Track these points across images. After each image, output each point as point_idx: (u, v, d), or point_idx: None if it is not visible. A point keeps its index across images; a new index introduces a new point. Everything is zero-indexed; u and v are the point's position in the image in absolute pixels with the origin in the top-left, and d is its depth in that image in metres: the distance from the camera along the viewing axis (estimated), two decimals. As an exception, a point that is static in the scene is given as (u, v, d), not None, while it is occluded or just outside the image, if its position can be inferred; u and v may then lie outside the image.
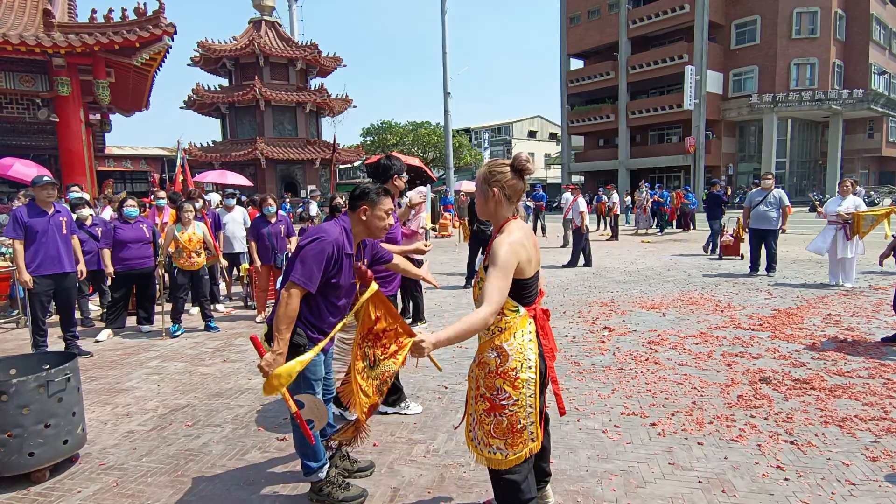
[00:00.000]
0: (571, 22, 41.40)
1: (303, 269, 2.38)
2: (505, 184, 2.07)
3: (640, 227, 17.94)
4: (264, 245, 6.45)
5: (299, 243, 2.47)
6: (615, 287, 8.20)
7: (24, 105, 11.34)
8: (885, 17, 37.46)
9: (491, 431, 2.03)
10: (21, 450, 2.76)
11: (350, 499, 2.57)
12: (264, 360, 2.31)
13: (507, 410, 2.00)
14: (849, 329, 5.46)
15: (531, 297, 2.10)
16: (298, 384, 2.44)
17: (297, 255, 2.42)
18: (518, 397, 2.00)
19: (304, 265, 2.39)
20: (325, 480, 2.60)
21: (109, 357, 5.24)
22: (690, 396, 3.78)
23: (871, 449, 2.96)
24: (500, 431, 2.02)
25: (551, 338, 2.18)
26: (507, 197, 2.08)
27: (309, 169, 23.06)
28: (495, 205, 2.10)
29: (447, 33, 23.97)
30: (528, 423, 2.01)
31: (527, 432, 2.02)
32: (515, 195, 2.10)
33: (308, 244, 2.42)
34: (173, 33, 10.63)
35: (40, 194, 4.81)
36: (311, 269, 2.39)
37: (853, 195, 7.73)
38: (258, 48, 21.46)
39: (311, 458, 2.59)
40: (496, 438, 2.03)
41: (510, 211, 2.11)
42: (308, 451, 2.58)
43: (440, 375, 4.37)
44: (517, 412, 2.00)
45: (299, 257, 2.41)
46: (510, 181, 2.07)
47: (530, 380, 2.01)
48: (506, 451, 2.01)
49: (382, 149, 41.60)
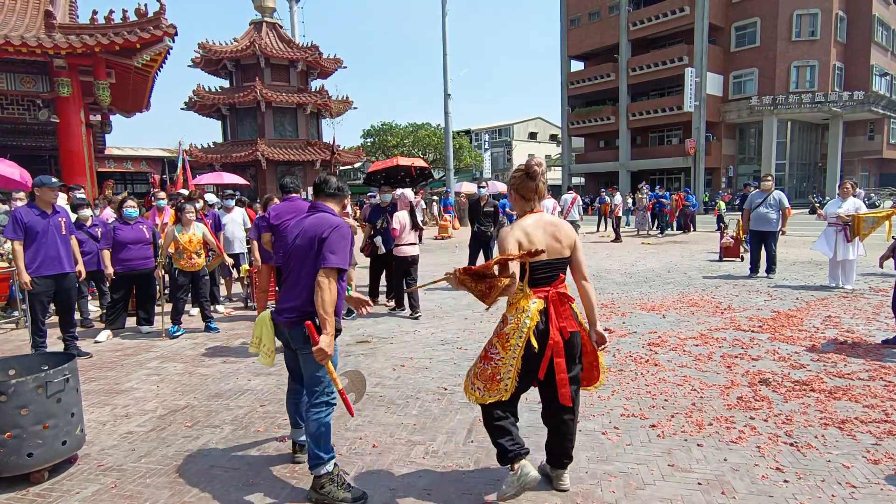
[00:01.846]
0: (572, 24, 41.45)
1: (340, 255, 2.56)
2: (518, 185, 2.59)
3: (640, 229, 17.93)
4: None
5: (321, 234, 2.59)
6: (615, 289, 8.19)
7: (24, 106, 11.35)
8: (888, 18, 37.43)
9: (478, 374, 2.57)
10: (20, 450, 2.76)
11: (350, 500, 2.56)
12: (324, 343, 2.45)
13: (492, 362, 2.51)
14: (849, 331, 5.45)
15: (541, 280, 2.51)
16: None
17: (324, 244, 2.55)
18: (504, 356, 2.47)
19: (340, 251, 2.56)
20: (328, 477, 2.60)
21: (109, 358, 5.23)
22: (690, 398, 3.78)
23: (873, 451, 2.96)
24: (483, 377, 2.54)
25: (567, 318, 2.52)
26: (521, 196, 2.60)
27: (309, 170, 23.07)
28: (515, 201, 2.65)
29: (447, 35, 24.02)
30: (505, 377, 2.47)
31: (502, 384, 2.47)
32: (528, 193, 2.57)
33: (332, 232, 2.57)
34: (174, 34, 10.64)
35: (47, 195, 4.81)
36: (344, 253, 2.58)
37: (853, 197, 7.72)
38: (259, 49, 21.49)
39: (323, 448, 2.61)
40: (479, 381, 2.55)
41: (529, 206, 2.59)
42: (322, 440, 2.61)
43: (440, 376, 4.37)
44: (499, 366, 2.48)
45: (327, 245, 2.54)
46: (521, 182, 2.57)
47: (517, 346, 2.45)
48: (483, 392, 2.52)
49: (383, 150, 41.65)
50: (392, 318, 6.68)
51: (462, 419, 3.54)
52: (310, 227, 2.66)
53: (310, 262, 2.59)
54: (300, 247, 2.66)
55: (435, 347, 5.28)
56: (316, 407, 2.64)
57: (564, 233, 2.57)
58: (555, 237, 2.53)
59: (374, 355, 5.07)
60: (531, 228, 2.50)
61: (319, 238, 2.58)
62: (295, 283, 2.68)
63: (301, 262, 2.65)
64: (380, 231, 7.10)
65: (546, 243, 2.47)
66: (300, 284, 2.65)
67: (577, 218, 14.30)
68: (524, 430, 3.26)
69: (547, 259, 2.49)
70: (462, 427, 3.42)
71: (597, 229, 20.20)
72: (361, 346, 5.42)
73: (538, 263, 2.48)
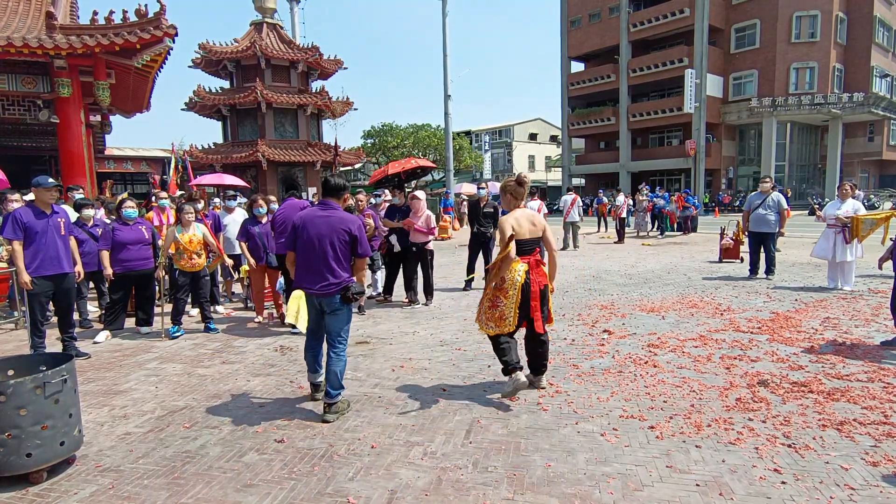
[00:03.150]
0: (572, 25, 41.49)
1: (367, 244, 3.80)
2: (512, 190, 4.00)
3: (640, 231, 17.93)
4: (255, 244, 6.49)
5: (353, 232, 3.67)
6: (615, 290, 8.19)
7: (25, 106, 11.35)
8: (889, 19, 37.39)
9: (490, 317, 3.85)
10: (19, 450, 2.76)
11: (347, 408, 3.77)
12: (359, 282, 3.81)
13: (499, 308, 3.79)
14: (847, 332, 5.45)
15: (525, 251, 3.85)
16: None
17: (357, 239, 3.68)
18: (506, 302, 3.77)
19: (366, 242, 3.79)
20: (341, 400, 3.71)
21: (107, 359, 5.23)
22: (689, 399, 3.78)
23: (871, 453, 2.95)
24: (494, 319, 3.82)
25: (543, 275, 3.89)
26: (514, 197, 4.00)
27: (310, 171, 23.06)
28: (508, 200, 4.04)
29: (448, 36, 24.04)
30: (508, 316, 3.76)
31: (506, 321, 3.76)
32: (518, 196, 3.99)
33: (359, 229, 3.70)
34: (174, 35, 10.63)
35: (44, 196, 4.81)
36: (367, 242, 3.81)
37: (852, 199, 7.72)
38: (259, 50, 21.48)
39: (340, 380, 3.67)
40: (491, 321, 3.84)
41: (516, 203, 4.00)
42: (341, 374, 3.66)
43: (439, 377, 4.37)
44: (504, 309, 3.77)
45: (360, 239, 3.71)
46: (515, 189, 3.99)
47: (513, 296, 3.75)
48: (496, 329, 3.81)
49: (383, 151, 41.64)
50: (392, 319, 6.69)
51: (460, 420, 3.54)
52: (334, 222, 3.64)
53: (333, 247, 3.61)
54: (324, 235, 3.60)
55: (434, 348, 5.28)
56: (337, 351, 3.69)
57: (539, 221, 3.94)
58: (533, 223, 3.90)
59: (373, 356, 5.07)
60: (520, 218, 3.88)
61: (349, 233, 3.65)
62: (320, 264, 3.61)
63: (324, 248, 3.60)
64: (394, 231, 7.46)
65: (528, 228, 3.86)
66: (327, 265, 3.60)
67: (577, 219, 14.32)
68: (523, 430, 3.30)
69: (529, 238, 3.84)
70: (461, 428, 3.42)
71: (597, 230, 20.21)
72: (361, 346, 5.42)
73: (523, 240, 3.81)
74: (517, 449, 3.12)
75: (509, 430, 3.36)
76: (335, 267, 3.62)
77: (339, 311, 3.66)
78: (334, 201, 3.76)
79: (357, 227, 3.68)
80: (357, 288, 3.65)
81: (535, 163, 56.75)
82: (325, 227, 3.62)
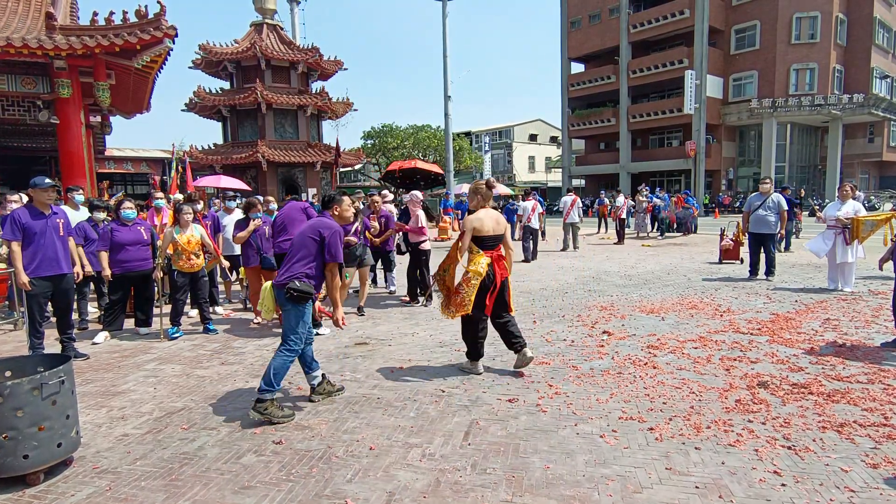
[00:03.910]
0: (572, 26, 41.51)
1: (338, 250, 3.74)
2: (483, 192, 4.51)
3: (640, 232, 17.92)
4: (249, 245, 6.51)
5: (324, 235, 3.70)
6: (615, 291, 8.18)
7: (25, 107, 11.35)
8: (890, 20, 37.40)
9: (451, 303, 4.33)
10: (16, 452, 2.75)
11: (284, 417, 3.59)
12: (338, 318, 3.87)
13: (460, 295, 4.25)
14: (847, 334, 5.44)
15: (488, 247, 4.32)
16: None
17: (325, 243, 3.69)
18: (467, 290, 4.22)
19: (337, 248, 3.73)
20: (271, 401, 3.59)
21: (106, 359, 5.22)
22: (688, 401, 3.77)
23: (871, 455, 2.94)
24: (455, 304, 4.29)
25: (503, 268, 4.39)
26: (482, 198, 4.50)
27: (310, 172, 23.04)
28: (477, 201, 4.51)
29: (448, 37, 24.05)
30: (466, 301, 4.21)
31: (464, 306, 4.22)
32: (487, 197, 4.50)
33: (332, 234, 3.72)
34: (174, 36, 10.63)
35: (41, 196, 4.81)
36: (339, 248, 3.76)
37: (853, 200, 7.71)
38: (260, 51, 21.48)
39: (276, 382, 3.60)
40: (452, 306, 4.31)
41: (483, 204, 4.47)
42: (279, 376, 3.61)
43: (438, 379, 4.36)
44: (464, 297, 4.23)
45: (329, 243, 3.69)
46: (485, 192, 4.51)
47: (474, 285, 4.21)
48: (454, 312, 4.30)
49: (383, 152, 41.64)
50: (391, 320, 6.68)
51: (459, 421, 3.53)
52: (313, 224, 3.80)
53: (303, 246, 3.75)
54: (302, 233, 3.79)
55: (433, 349, 5.27)
56: (282, 349, 3.67)
57: (501, 221, 4.42)
58: (496, 222, 4.36)
59: (372, 357, 5.06)
60: (484, 218, 4.33)
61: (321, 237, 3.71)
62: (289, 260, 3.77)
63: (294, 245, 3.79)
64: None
65: (492, 226, 4.32)
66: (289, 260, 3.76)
67: (577, 219, 14.31)
68: (522, 431, 3.27)
69: (492, 235, 4.32)
70: (459, 429, 3.41)
71: (597, 231, 20.21)
72: (360, 347, 5.41)
73: (487, 237, 4.31)
74: (516, 450, 3.11)
75: (508, 432, 3.35)
76: (295, 264, 3.70)
77: (287, 309, 3.68)
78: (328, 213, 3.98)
79: (331, 233, 3.71)
80: (298, 286, 3.61)
81: (535, 164, 56.74)
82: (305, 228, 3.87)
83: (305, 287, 3.64)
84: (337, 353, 5.23)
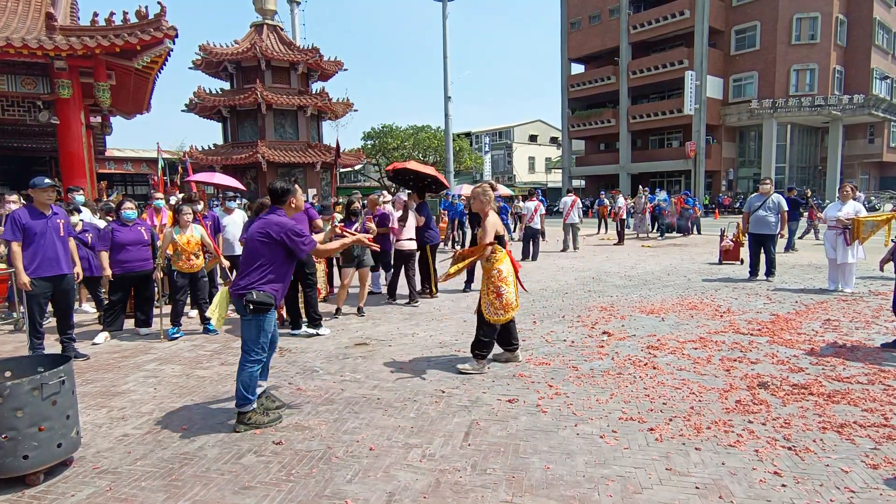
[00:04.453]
0: (572, 27, 41.54)
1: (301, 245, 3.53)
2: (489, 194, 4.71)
3: (640, 232, 17.91)
4: None
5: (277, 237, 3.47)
6: (615, 291, 8.18)
7: (25, 107, 11.36)
8: (889, 21, 37.43)
9: (498, 306, 4.45)
10: (15, 452, 2.75)
11: (272, 422, 3.54)
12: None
13: (504, 296, 4.45)
14: (848, 334, 5.44)
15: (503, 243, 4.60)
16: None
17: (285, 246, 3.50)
18: (508, 288, 4.47)
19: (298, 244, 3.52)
20: (252, 411, 3.51)
21: (106, 360, 5.22)
22: (688, 401, 3.76)
23: (871, 456, 2.94)
24: (502, 306, 4.44)
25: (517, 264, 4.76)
26: (489, 200, 4.69)
27: (310, 172, 23.05)
28: (483, 203, 4.66)
29: (448, 38, 24.07)
30: (512, 300, 4.48)
31: (512, 304, 4.48)
32: (492, 200, 4.71)
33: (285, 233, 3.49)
34: (174, 36, 10.65)
35: (41, 197, 4.81)
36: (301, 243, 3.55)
37: (853, 200, 7.71)
38: (260, 52, 21.49)
39: (251, 392, 3.50)
40: (500, 309, 4.45)
41: (490, 206, 4.67)
42: (250, 388, 3.48)
43: (437, 379, 4.36)
44: (508, 296, 4.46)
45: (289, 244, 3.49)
46: (490, 193, 4.72)
47: (512, 282, 4.50)
48: (504, 315, 4.47)
49: (383, 152, 41.64)
50: (391, 320, 6.68)
51: (459, 422, 3.53)
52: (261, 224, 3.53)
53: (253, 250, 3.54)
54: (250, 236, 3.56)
55: (433, 350, 5.27)
56: (241, 360, 3.52)
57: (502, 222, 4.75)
58: (502, 223, 4.75)
59: (372, 357, 5.06)
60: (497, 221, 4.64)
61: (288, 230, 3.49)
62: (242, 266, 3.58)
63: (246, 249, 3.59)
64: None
65: (501, 226, 4.63)
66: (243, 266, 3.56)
67: (577, 220, 14.31)
68: (522, 432, 3.27)
69: (501, 234, 4.60)
70: (459, 430, 3.41)
71: (597, 231, 20.21)
72: (360, 348, 5.41)
73: (499, 236, 4.58)
74: (516, 451, 3.11)
75: (508, 432, 3.35)
76: (252, 272, 3.48)
77: (248, 319, 3.48)
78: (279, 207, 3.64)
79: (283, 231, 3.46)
80: (256, 298, 3.39)
81: (535, 164, 56.75)
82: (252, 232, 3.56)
83: (265, 298, 3.43)
84: (337, 354, 5.23)
